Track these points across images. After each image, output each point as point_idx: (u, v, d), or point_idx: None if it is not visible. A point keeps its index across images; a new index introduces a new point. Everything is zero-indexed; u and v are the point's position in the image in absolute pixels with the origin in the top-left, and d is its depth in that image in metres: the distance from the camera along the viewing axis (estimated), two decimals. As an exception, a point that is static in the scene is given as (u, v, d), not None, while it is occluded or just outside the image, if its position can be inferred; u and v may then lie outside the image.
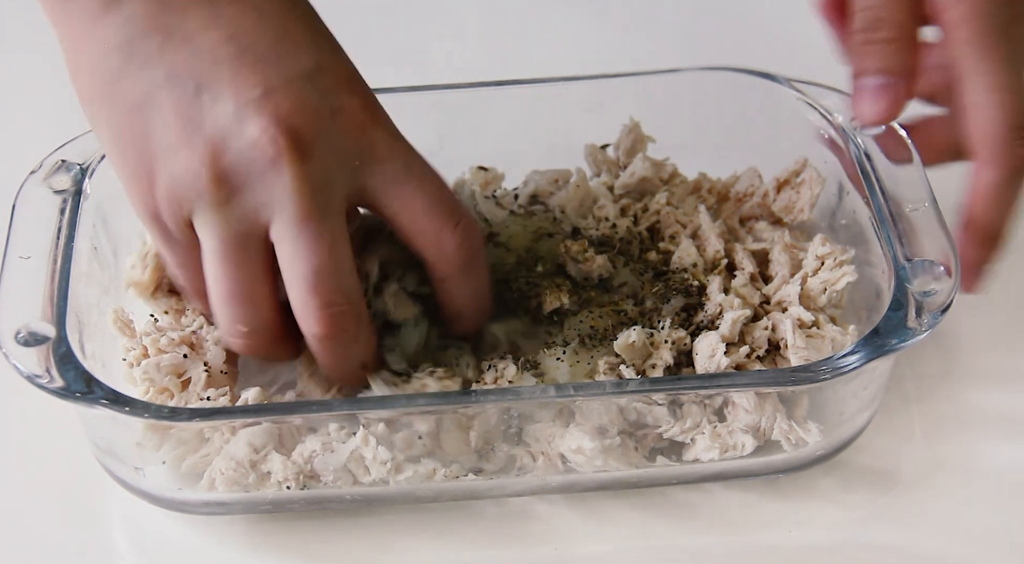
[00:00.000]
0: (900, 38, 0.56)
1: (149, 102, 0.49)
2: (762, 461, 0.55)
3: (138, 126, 0.50)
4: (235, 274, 0.51)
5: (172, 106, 0.49)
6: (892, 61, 0.56)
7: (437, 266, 0.53)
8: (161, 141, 0.49)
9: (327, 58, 0.51)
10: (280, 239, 0.50)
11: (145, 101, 0.49)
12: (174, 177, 0.49)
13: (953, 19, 0.54)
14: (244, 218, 0.50)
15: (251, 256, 0.51)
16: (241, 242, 0.50)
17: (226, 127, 0.49)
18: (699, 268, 0.60)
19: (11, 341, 0.50)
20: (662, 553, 0.54)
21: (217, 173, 0.49)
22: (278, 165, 0.49)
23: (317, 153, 0.49)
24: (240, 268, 0.51)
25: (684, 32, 0.82)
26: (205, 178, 0.49)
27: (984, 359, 0.62)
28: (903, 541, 0.55)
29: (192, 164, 0.49)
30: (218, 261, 0.51)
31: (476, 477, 0.54)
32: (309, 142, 0.49)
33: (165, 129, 0.49)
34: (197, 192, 0.49)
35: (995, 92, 0.54)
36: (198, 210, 0.50)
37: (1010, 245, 0.67)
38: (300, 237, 0.50)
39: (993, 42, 0.54)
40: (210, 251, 0.51)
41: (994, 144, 0.54)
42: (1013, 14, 0.54)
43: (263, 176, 0.49)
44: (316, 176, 0.49)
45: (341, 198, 0.51)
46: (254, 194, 0.49)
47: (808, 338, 0.56)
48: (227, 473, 0.53)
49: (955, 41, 0.54)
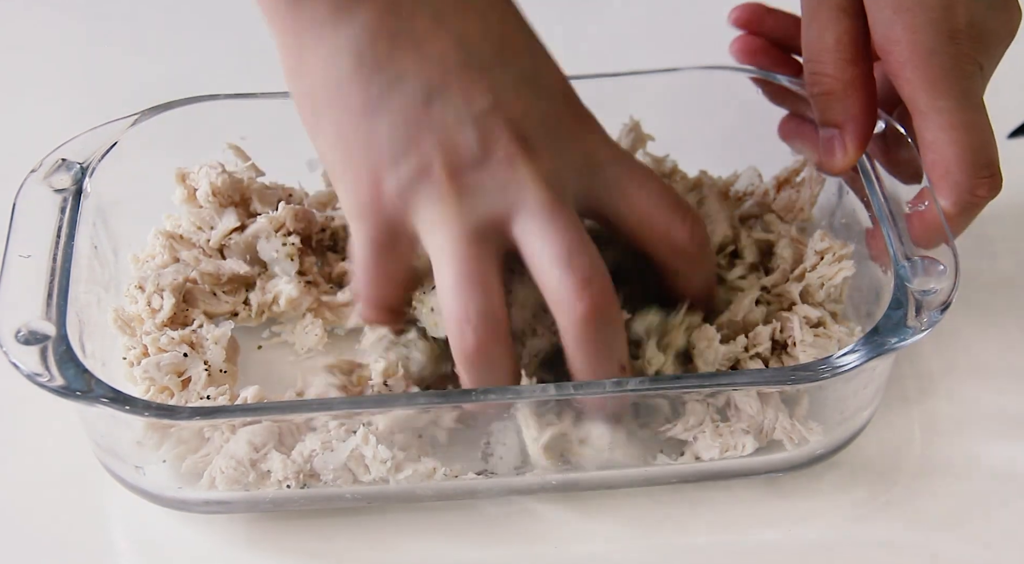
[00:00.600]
0: (835, 90, 0.57)
1: (379, 106, 0.50)
2: (762, 460, 0.55)
3: (365, 128, 0.50)
4: (470, 266, 0.50)
5: (402, 110, 0.50)
6: (829, 114, 0.58)
7: (669, 260, 0.54)
8: (390, 143, 0.50)
9: (543, 64, 0.53)
10: (526, 231, 0.50)
11: (375, 105, 0.50)
12: (404, 178, 0.50)
13: (899, 61, 0.55)
14: (479, 214, 0.50)
15: (485, 251, 0.51)
16: (477, 237, 0.50)
17: (459, 132, 0.50)
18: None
19: (11, 340, 0.50)
20: (662, 552, 0.54)
21: (452, 172, 0.50)
22: (513, 164, 0.50)
23: (546, 155, 0.51)
24: (475, 260, 0.50)
25: (684, 32, 0.82)
26: (440, 177, 0.50)
27: (984, 358, 0.62)
28: (903, 539, 0.55)
29: (425, 165, 0.50)
30: (452, 256, 0.50)
31: (476, 476, 0.54)
32: (538, 146, 0.51)
33: (394, 132, 0.50)
34: (429, 192, 0.50)
35: (950, 130, 0.55)
36: (427, 209, 0.50)
37: (1010, 245, 0.68)
38: (549, 222, 0.50)
39: (943, 81, 0.54)
40: (441, 248, 0.50)
41: (950, 181, 0.55)
42: (958, 52, 0.54)
43: (496, 175, 0.50)
44: (549, 173, 0.51)
45: (571, 198, 0.52)
46: (488, 194, 0.50)
47: (816, 337, 0.56)
48: (227, 472, 0.53)
49: (903, 81, 0.55)
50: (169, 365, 0.56)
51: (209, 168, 0.62)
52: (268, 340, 0.62)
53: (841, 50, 0.56)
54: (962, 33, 0.54)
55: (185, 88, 0.63)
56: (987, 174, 0.55)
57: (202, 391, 0.55)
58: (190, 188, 0.63)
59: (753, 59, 0.64)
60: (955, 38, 0.54)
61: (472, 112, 0.50)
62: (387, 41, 0.50)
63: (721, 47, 0.65)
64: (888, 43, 0.55)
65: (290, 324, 0.62)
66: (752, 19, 0.63)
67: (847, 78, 0.57)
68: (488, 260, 0.51)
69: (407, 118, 0.50)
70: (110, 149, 0.59)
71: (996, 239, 0.67)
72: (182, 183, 0.63)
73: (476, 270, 0.50)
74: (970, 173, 0.55)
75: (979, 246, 0.66)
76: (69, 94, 0.80)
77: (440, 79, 0.50)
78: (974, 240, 0.61)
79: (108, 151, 0.59)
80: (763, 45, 0.63)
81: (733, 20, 0.64)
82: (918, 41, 0.54)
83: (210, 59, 0.82)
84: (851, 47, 0.56)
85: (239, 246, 0.62)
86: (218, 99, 0.63)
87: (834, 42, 0.56)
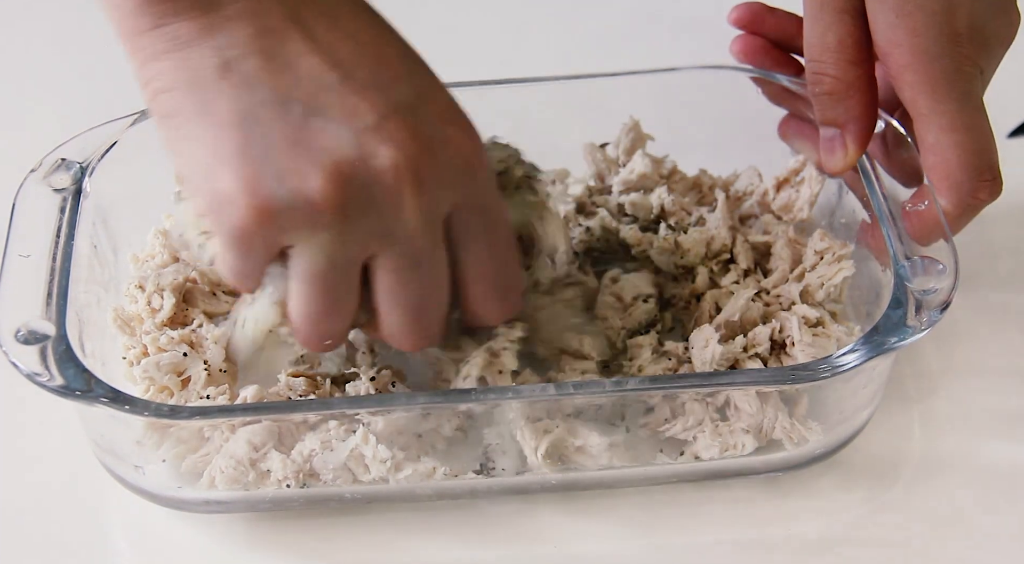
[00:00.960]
0: (837, 90, 0.57)
1: (249, 121, 0.47)
2: (762, 459, 0.55)
3: (233, 144, 0.48)
4: (331, 294, 0.50)
5: (278, 128, 0.47)
6: (830, 114, 0.58)
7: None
8: (263, 162, 0.47)
9: (426, 87, 0.50)
10: (385, 270, 0.50)
11: (245, 120, 0.47)
12: (279, 199, 0.47)
13: (900, 63, 0.55)
14: (353, 245, 0.49)
15: (349, 278, 0.50)
16: (344, 266, 0.49)
17: (342, 154, 0.47)
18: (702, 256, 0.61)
19: (11, 339, 0.50)
20: (662, 551, 0.54)
21: (335, 200, 0.47)
22: (398, 196, 0.48)
23: (429, 185, 0.48)
24: (337, 289, 0.50)
25: (684, 32, 0.82)
26: (322, 204, 0.47)
27: (984, 357, 0.62)
28: (903, 539, 0.55)
29: (305, 189, 0.47)
30: (317, 282, 0.49)
31: (476, 476, 0.54)
32: (425, 174, 0.48)
33: (269, 150, 0.47)
34: (307, 216, 0.48)
35: (951, 132, 0.55)
36: (302, 233, 0.48)
37: (1010, 245, 0.68)
38: (409, 273, 0.50)
39: (944, 84, 0.54)
40: (308, 273, 0.49)
41: (950, 183, 0.55)
42: (960, 55, 0.55)
43: (380, 207, 0.48)
44: (429, 208, 0.49)
45: (441, 225, 0.50)
46: (368, 223, 0.48)
47: (814, 337, 0.56)
48: (227, 471, 0.53)
49: (905, 83, 0.55)
50: (169, 365, 0.56)
51: (209, 168, 0.62)
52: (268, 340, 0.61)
53: (843, 51, 0.56)
54: (963, 36, 0.54)
55: (185, 88, 0.63)
56: (988, 177, 0.55)
57: (202, 391, 0.55)
58: (190, 188, 0.63)
59: (753, 59, 0.64)
60: (956, 41, 0.54)
61: (354, 132, 0.47)
62: (257, 58, 0.48)
63: (721, 47, 0.65)
64: (889, 46, 0.55)
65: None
66: (752, 19, 0.63)
67: (849, 79, 0.57)
68: (348, 287, 0.50)
69: (284, 136, 0.47)
70: (110, 149, 0.59)
71: (996, 239, 0.67)
72: (182, 183, 0.63)
73: (336, 298, 0.50)
74: (971, 176, 0.55)
75: (979, 246, 0.66)
76: (69, 94, 0.80)
77: (317, 97, 0.48)
78: (974, 240, 0.61)
79: (108, 151, 0.59)
80: (763, 45, 0.63)
81: (733, 20, 0.64)
82: (919, 44, 0.54)
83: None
84: (853, 48, 0.56)
85: (239, 246, 0.62)
86: (218, 99, 0.63)
87: (836, 43, 0.56)
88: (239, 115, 0.48)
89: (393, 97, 0.48)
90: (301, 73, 0.48)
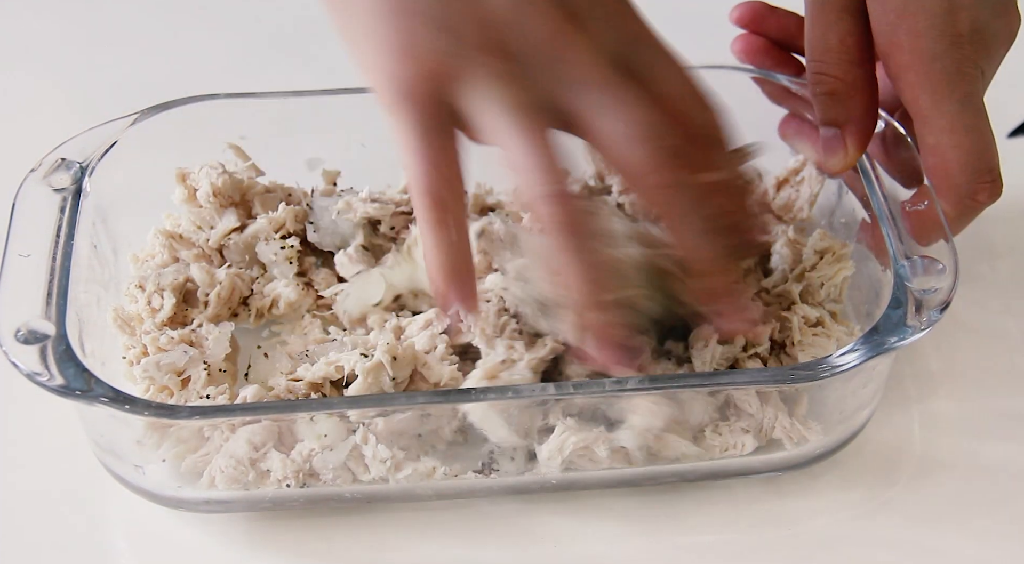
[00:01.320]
0: (838, 90, 0.57)
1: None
2: (762, 459, 0.55)
3: (402, 4, 0.48)
4: (536, 140, 0.49)
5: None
6: (831, 114, 0.58)
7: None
8: (431, 17, 0.48)
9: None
10: (591, 106, 0.49)
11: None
12: (451, 53, 0.48)
13: (901, 64, 0.55)
14: (538, 89, 0.49)
15: (545, 124, 0.49)
16: (537, 110, 0.49)
17: (504, 6, 0.48)
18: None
19: (11, 339, 0.50)
20: (662, 551, 0.54)
21: (503, 46, 0.48)
22: (565, 38, 0.48)
23: (593, 30, 0.49)
24: (539, 135, 0.49)
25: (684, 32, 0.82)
26: (491, 52, 0.48)
27: (984, 357, 0.62)
28: (903, 539, 0.55)
29: (473, 39, 0.48)
30: (514, 130, 0.49)
31: (476, 476, 0.54)
32: (586, 19, 0.49)
33: (431, 6, 0.48)
34: (481, 68, 0.48)
35: (952, 133, 0.55)
36: (480, 85, 0.48)
37: (1010, 245, 0.68)
38: (618, 98, 0.49)
39: (945, 85, 0.54)
40: (499, 123, 0.49)
41: (951, 184, 0.55)
42: (961, 56, 0.54)
43: (549, 49, 0.48)
44: (600, 46, 0.49)
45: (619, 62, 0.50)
46: (543, 68, 0.48)
47: (814, 336, 0.56)
48: (227, 471, 0.53)
49: (906, 84, 0.55)
50: (169, 365, 0.56)
51: (210, 168, 0.62)
52: (268, 340, 0.62)
53: (844, 51, 0.56)
54: (964, 38, 0.54)
55: (185, 88, 0.63)
56: (988, 179, 0.55)
57: (202, 391, 0.56)
58: (190, 188, 0.63)
59: (754, 59, 0.64)
60: (958, 43, 0.54)
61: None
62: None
63: (721, 47, 0.65)
64: (890, 46, 0.55)
65: (289, 324, 0.62)
66: (754, 18, 0.63)
67: (850, 79, 0.57)
68: (549, 134, 0.49)
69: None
70: (110, 149, 0.59)
71: (996, 239, 0.67)
72: (182, 183, 0.63)
73: (542, 145, 0.49)
74: (971, 177, 0.55)
75: (979, 246, 0.66)
76: (69, 94, 0.80)
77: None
78: (974, 240, 0.61)
79: (108, 151, 0.59)
80: (764, 45, 0.63)
81: (735, 19, 0.64)
82: (921, 45, 0.54)
83: (210, 59, 0.82)
84: (854, 48, 0.56)
85: (238, 246, 0.62)
86: (218, 99, 0.63)
87: (838, 42, 0.56)
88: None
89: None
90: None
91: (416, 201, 0.50)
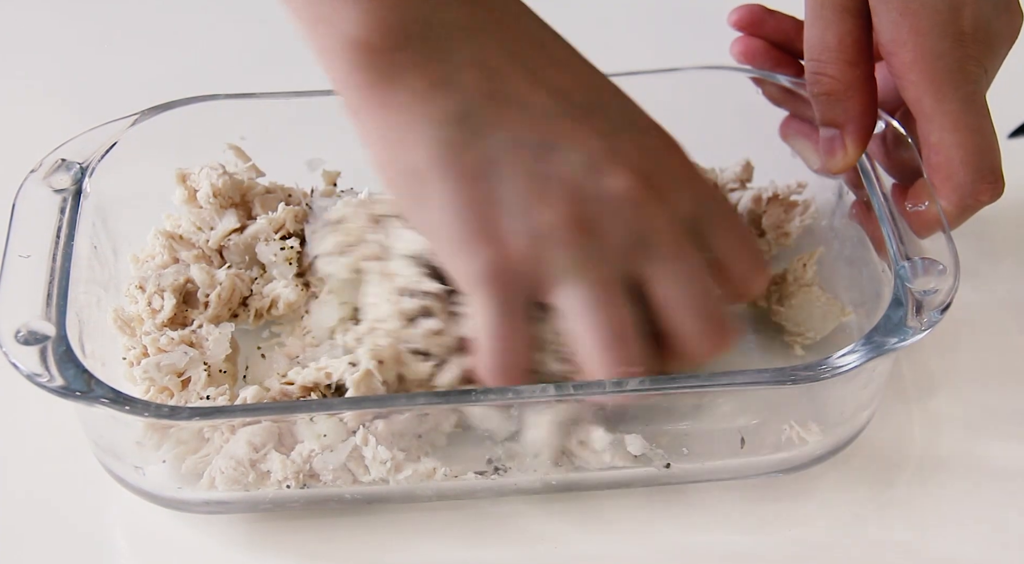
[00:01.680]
0: (837, 90, 0.57)
1: (494, 166, 0.49)
2: (762, 460, 0.55)
3: (484, 190, 0.49)
4: (614, 315, 0.50)
5: (519, 166, 0.49)
6: (830, 114, 0.58)
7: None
8: (511, 202, 0.49)
9: (631, 105, 0.54)
10: (659, 274, 0.51)
11: (489, 166, 0.49)
12: (534, 233, 0.49)
13: (904, 63, 0.55)
14: (613, 261, 0.50)
15: (622, 298, 0.51)
16: (614, 284, 0.50)
17: (583, 178, 0.50)
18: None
19: (11, 340, 0.50)
20: (662, 552, 0.54)
21: (584, 221, 0.49)
22: (641, 205, 0.50)
23: (667, 194, 0.51)
24: (617, 310, 0.50)
25: (684, 32, 0.82)
26: (573, 224, 0.49)
27: (984, 357, 0.62)
28: (904, 539, 0.55)
29: (556, 214, 0.49)
30: (595, 307, 0.50)
31: (476, 476, 0.54)
32: (659, 182, 0.51)
33: (515, 190, 0.49)
34: (564, 240, 0.49)
35: (955, 132, 0.55)
36: (562, 265, 0.50)
37: (1010, 245, 0.68)
38: (681, 266, 0.51)
39: (949, 84, 0.54)
40: (583, 301, 0.50)
41: (953, 183, 0.55)
42: (964, 55, 0.54)
43: (627, 219, 0.50)
44: (674, 211, 0.51)
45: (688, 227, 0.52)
46: (620, 238, 0.50)
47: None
48: (227, 472, 0.53)
49: (909, 83, 0.55)
50: (169, 366, 0.56)
51: (210, 169, 0.62)
52: (267, 341, 0.62)
53: (844, 50, 0.56)
54: (968, 36, 0.54)
55: (185, 88, 0.63)
56: (991, 179, 0.55)
57: (202, 391, 0.56)
58: (190, 189, 0.63)
59: (754, 60, 0.64)
60: (961, 41, 0.54)
61: (591, 157, 0.50)
62: (491, 102, 0.49)
63: (721, 47, 0.65)
64: (894, 45, 0.55)
65: (289, 325, 0.62)
66: (752, 21, 0.63)
67: (849, 79, 0.57)
68: (625, 306, 0.51)
69: (528, 172, 0.49)
70: (110, 149, 0.59)
71: (996, 239, 0.67)
72: (182, 184, 0.63)
73: (620, 324, 0.50)
74: (974, 176, 0.55)
75: (979, 246, 0.66)
76: (69, 94, 0.80)
77: (550, 131, 0.50)
78: (974, 240, 0.61)
79: (108, 151, 0.59)
80: (764, 46, 0.63)
81: (733, 22, 0.64)
82: (924, 44, 0.54)
83: (210, 59, 0.82)
84: (854, 47, 0.56)
85: (238, 247, 0.62)
86: (218, 99, 0.63)
87: (837, 42, 0.56)
88: (483, 166, 0.49)
89: (616, 117, 0.52)
90: (531, 109, 0.50)
91: (487, 379, 0.52)
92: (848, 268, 0.62)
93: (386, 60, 0.49)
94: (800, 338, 0.60)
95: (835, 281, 0.62)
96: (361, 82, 0.50)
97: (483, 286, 0.50)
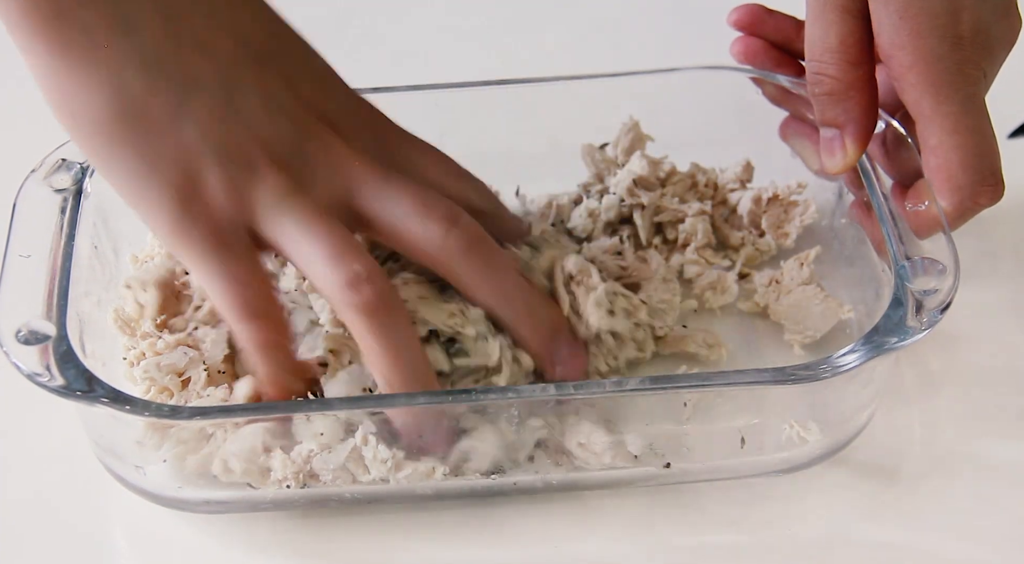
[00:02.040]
0: (837, 91, 0.57)
1: (180, 112, 0.49)
2: (762, 459, 0.55)
3: (172, 141, 0.49)
4: (333, 229, 0.51)
5: (207, 111, 0.50)
6: (830, 114, 0.58)
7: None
8: (204, 148, 0.49)
9: (310, 52, 0.54)
10: (377, 199, 0.52)
11: (175, 112, 0.49)
12: (231, 179, 0.50)
13: (903, 65, 0.55)
14: (322, 195, 0.51)
15: (338, 222, 0.51)
16: (325, 209, 0.51)
17: (270, 124, 0.51)
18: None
19: (11, 339, 0.50)
20: (662, 552, 0.54)
21: (279, 163, 0.50)
22: (332, 147, 0.52)
23: (352, 135, 0.53)
24: (335, 226, 0.51)
25: (684, 32, 0.82)
26: (269, 171, 0.50)
27: (984, 357, 0.62)
28: (904, 539, 0.55)
29: (249, 161, 0.50)
30: (308, 225, 0.50)
31: (476, 476, 0.54)
32: (343, 127, 0.53)
33: (206, 135, 0.49)
34: (264, 187, 0.50)
35: (954, 134, 0.55)
36: (269, 204, 0.50)
37: (1010, 245, 0.68)
38: (395, 188, 0.52)
39: (948, 86, 0.54)
40: (295, 223, 0.50)
41: (952, 185, 0.55)
42: (964, 58, 0.54)
43: (322, 159, 0.51)
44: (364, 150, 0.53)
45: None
46: (322, 177, 0.51)
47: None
48: (241, 457, 0.52)
49: (908, 85, 0.55)
50: (169, 365, 0.56)
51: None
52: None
53: (844, 51, 0.56)
54: (967, 39, 0.54)
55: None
56: (991, 181, 0.55)
57: (202, 391, 0.56)
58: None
59: (754, 60, 0.64)
60: (960, 44, 0.54)
61: (276, 102, 0.51)
62: (172, 46, 0.49)
63: (721, 47, 0.65)
64: (893, 47, 0.55)
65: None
66: (752, 21, 0.63)
67: (849, 79, 0.57)
68: (347, 231, 0.51)
69: (214, 117, 0.50)
70: (110, 149, 0.59)
71: (996, 239, 0.67)
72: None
73: (343, 237, 0.51)
74: (973, 179, 0.55)
75: (979, 246, 0.66)
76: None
77: (233, 75, 0.50)
78: (974, 240, 0.61)
79: (108, 151, 0.59)
80: (764, 46, 0.63)
81: (732, 22, 0.64)
82: (923, 46, 0.54)
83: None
84: (854, 48, 0.56)
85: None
86: (218, 99, 0.63)
87: (837, 43, 0.56)
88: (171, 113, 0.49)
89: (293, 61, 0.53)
90: (212, 53, 0.50)
91: (236, 327, 0.51)
92: (848, 268, 0.62)
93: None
94: (799, 337, 0.60)
95: (835, 281, 0.62)
96: (33, 16, 0.48)
97: (182, 236, 0.50)
